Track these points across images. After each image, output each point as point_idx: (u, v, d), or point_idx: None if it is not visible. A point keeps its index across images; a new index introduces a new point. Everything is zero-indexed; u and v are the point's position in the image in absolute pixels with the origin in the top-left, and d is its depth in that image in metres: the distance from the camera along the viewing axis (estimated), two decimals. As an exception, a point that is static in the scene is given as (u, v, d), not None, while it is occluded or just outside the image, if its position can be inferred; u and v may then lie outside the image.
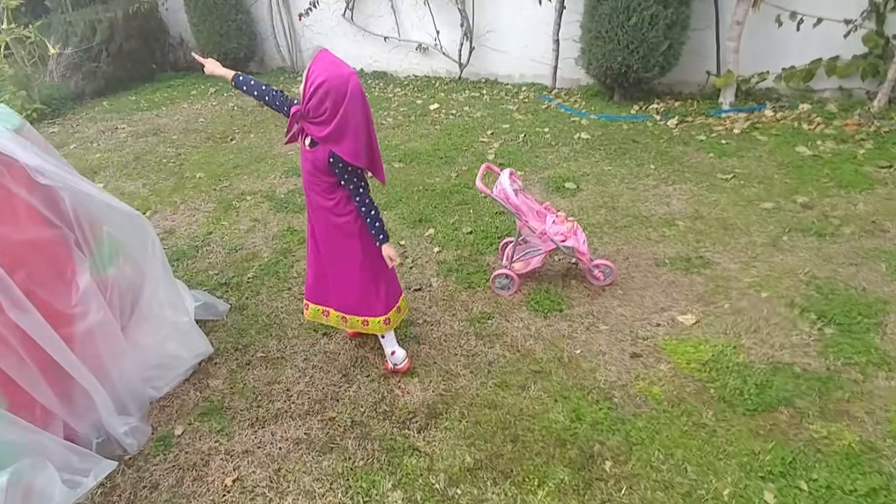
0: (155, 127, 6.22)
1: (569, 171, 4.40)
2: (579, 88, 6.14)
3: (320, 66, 1.96)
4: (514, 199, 2.85)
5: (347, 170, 2.11)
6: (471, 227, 3.68)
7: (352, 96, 1.96)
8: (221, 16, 7.42)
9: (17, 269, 1.93)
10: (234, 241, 3.78)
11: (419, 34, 6.90)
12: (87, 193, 2.10)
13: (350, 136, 2.01)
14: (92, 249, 2.17)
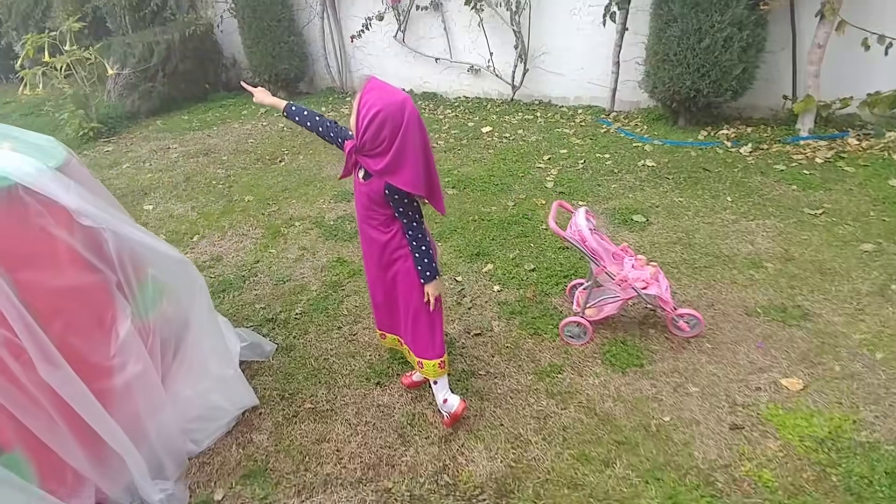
0: (206, 147, 6.14)
1: (635, 201, 4.05)
2: (639, 112, 5.78)
3: (373, 95, 1.79)
4: (592, 241, 2.52)
5: (404, 201, 1.93)
6: (533, 264, 3.37)
7: (409, 123, 1.79)
8: (274, 38, 7.37)
9: (54, 318, 1.73)
10: (281, 272, 3.56)
11: (471, 56, 6.67)
12: (133, 237, 1.89)
13: (409, 165, 1.83)
14: (135, 293, 1.95)
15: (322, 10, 7.48)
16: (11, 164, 1.65)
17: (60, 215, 1.75)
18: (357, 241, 3.80)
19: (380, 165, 1.84)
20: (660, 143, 5.03)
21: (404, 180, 1.84)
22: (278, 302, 3.26)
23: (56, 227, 1.74)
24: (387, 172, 1.84)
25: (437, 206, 2.03)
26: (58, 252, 1.76)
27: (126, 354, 1.90)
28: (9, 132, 1.98)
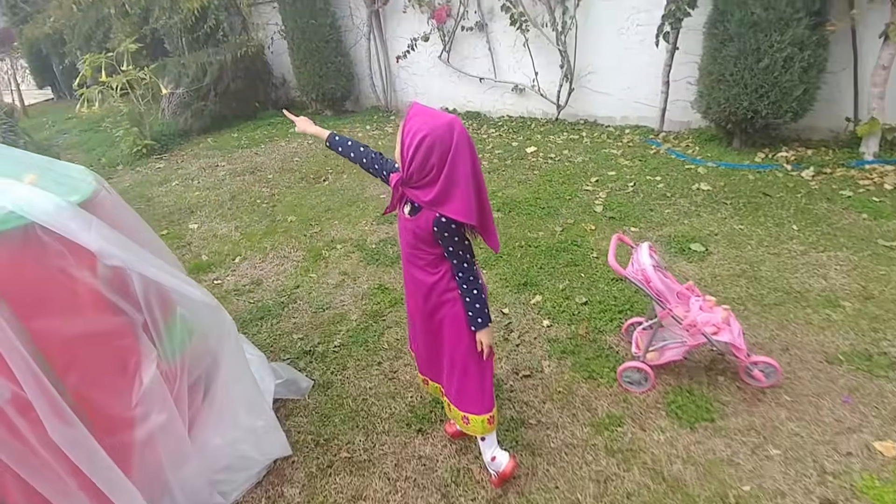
0: (252, 165, 6.05)
1: (692, 228, 3.69)
2: (690, 132, 5.39)
3: (417, 121, 1.59)
4: (657, 282, 2.20)
5: (454, 239, 1.69)
6: (584, 296, 3.05)
7: (458, 145, 1.57)
8: (322, 58, 7.28)
9: (72, 367, 1.54)
10: (321, 299, 3.35)
11: (515, 75, 6.41)
12: (159, 279, 1.68)
13: (460, 194, 1.60)
14: (161, 334, 1.75)
15: (369, 31, 7.37)
16: (29, 200, 1.46)
17: (83, 254, 1.55)
18: (398, 268, 3.57)
19: (430, 196, 1.61)
20: (714, 165, 4.64)
21: (456, 209, 1.60)
22: (317, 332, 3.03)
23: (78, 267, 1.54)
24: (437, 203, 1.61)
25: (489, 241, 1.76)
26: (79, 294, 1.56)
27: (149, 403, 1.69)
28: (38, 162, 1.82)
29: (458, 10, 6.41)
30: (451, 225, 1.64)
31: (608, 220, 3.87)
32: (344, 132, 6.86)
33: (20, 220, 1.45)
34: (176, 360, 1.85)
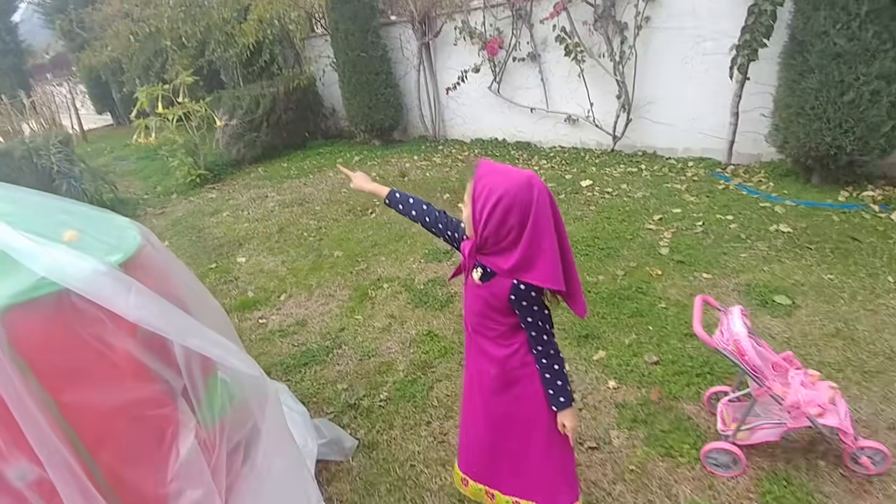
0: (301, 196, 6.04)
1: (773, 277, 3.35)
2: (762, 165, 5.04)
3: (489, 181, 1.42)
4: (753, 355, 1.92)
5: (534, 308, 1.49)
6: (655, 354, 2.77)
7: (539, 204, 1.39)
8: (372, 90, 7.31)
9: (105, 443, 1.40)
10: (367, 344, 3.19)
11: (569, 105, 6.22)
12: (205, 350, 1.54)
13: (545, 257, 1.42)
14: (201, 400, 1.60)
15: (419, 63, 7.37)
16: (63, 264, 1.35)
17: (122, 319, 1.42)
18: (448, 312, 3.39)
19: (510, 262, 1.44)
20: (792, 203, 4.27)
21: (541, 275, 1.42)
22: (362, 382, 2.86)
23: (116, 334, 1.41)
24: (518, 270, 1.44)
25: (576, 307, 1.54)
26: (116, 364, 1.42)
27: (185, 478, 1.54)
28: (81, 213, 1.72)
29: (509, 41, 6.31)
30: (532, 292, 1.45)
31: (676, 265, 3.58)
32: (392, 161, 6.89)
33: (52, 287, 1.33)
34: (215, 426, 1.69)
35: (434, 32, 7.06)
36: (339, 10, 7.02)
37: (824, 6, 3.85)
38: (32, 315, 1.33)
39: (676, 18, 5.09)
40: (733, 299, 3.19)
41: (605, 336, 2.98)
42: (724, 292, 3.26)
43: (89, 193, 6.12)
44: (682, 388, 2.53)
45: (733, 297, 3.22)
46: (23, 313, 1.32)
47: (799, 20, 4.05)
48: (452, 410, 2.58)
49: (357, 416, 2.62)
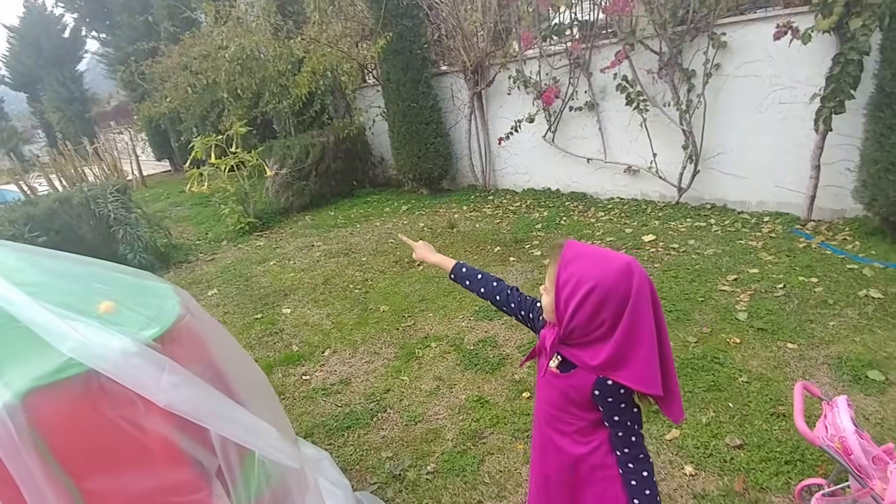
0: (347, 246, 6.12)
1: (866, 349, 3.08)
2: (846, 222, 4.76)
3: (579, 268, 1.30)
4: (860, 453, 1.72)
5: (621, 406, 1.36)
6: (737, 436, 2.55)
7: (639, 296, 1.25)
8: (422, 139, 7.46)
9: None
10: (413, 408, 3.09)
11: (629, 156, 6.14)
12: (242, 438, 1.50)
13: (641, 356, 1.27)
14: (236, 481, 1.54)
15: (470, 112, 7.50)
16: (92, 343, 1.30)
17: (146, 404, 1.38)
18: (499, 377, 3.27)
19: (598, 359, 1.31)
20: (881, 266, 3.98)
21: (634, 376, 1.28)
22: (408, 451, 2.75)
23: (148, 415, 1.36)
24: (607, 367, 1.31)
25: (671, 411, 1.38)
26: (147, 447, 1.37)
27: None
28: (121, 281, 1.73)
29: (566, 90, 6.35)
30: (620, 389, 1.33)
31: (756, 332, 3.35)
32: (440, 211, 6.93)
33: (79, 368, 1.31)
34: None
35: (487, 82, 7.20)
36: (391, 61, 7.29)
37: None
38: (57, 397, 1.31)
39: (750, 66, 4.99)
40: (824, 374, 2.95)
41: (678, 411, 2.78)
42: (813, 366, 3.01)
43: (144, 239, 6.40)
44: (770, 477, 2.30)
45: (823, 370, 2.97)
46: (47, 396, 1.30)
47: (886, 71, 3.89)
48: (505, 489, 2.43)
49: (402, 490, 2.50)
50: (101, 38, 17.56)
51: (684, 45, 5.24)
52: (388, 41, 7.08)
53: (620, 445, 1.39)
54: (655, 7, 5.17)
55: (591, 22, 6.03)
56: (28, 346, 1.35)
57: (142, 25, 13.95)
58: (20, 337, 1.36)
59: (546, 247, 5.25)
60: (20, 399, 1.24)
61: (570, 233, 5.55)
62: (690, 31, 5.14)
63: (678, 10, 5.11)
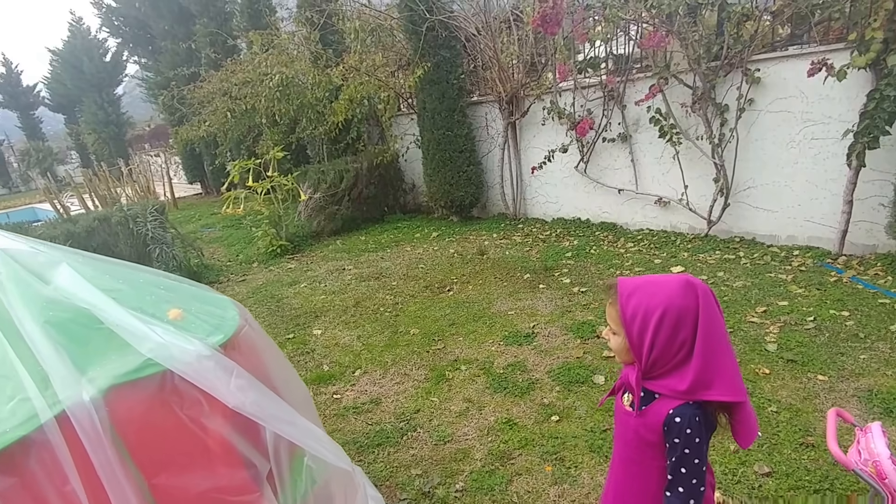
0: (378, 270, 6.33)
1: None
2: (878, 257, 4.78)
3: (642, 298, 1.32)
4: (895, 478, 1.79)
5: (685, 450, 1.32)
6: (766, 464, 2.61)
7: (707, 307, 1.28)
8: (455, 167, 7.70)
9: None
10: (442, 429, 3.21)
11: (660, 188, 6.26)
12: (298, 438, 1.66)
13: (726, 366, 1.30)
14: (285, 483, 1.69)
15: (504, 141, 7.72)
16: (169, 345, 1.49)
17: (218, 401, 1.56)
18: (528, 399, 3.39)
19: (687, 381, 1.30)
20: (917, 301, 4.01)
21: (726, 388, 1.28)
22: (437, 469, 2.87)
23: (212, 416, 1.53)
24: (699, 388, 1.30)
25: (744, 431, 1.36)
26: (209, 448, 1.53)
27: None
28: (182, 292, 1.92)
29: (599, 121, 6.53)
30: (687, 429, 1.30)
31: (786, 364, 3.40)
32: (470, 238, 7.14)
33: (157, 368, 1.47)
34: (296, 509, 1.78)
35: (521, 112, 7.43)
36: (428, 90, 7.59)
37: (949, 92, 3.78)
38: (135, 395, 1.45)
39: (783, 102, 5.11)
40: (854, 406, 2.98)
41: (706, 439, 2.85)
42: (843, 398, 3.06)
43: (178, 259, 6.71)
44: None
45: (853, 403, 3.01)
46: (126, 393, 1.44)
47: (922, 106, 3.98)
48: (534, 509, 2.53)
49: (431, 507, 2.62)
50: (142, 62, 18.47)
51: (718, 80, 5.39)
52: (425, 71, 7.38)
53: (670, 486, 1.36)
54: (690, 43, 5.35)
55: (625, 56, 6.23)
56: (110, 346, 1.53)
57: (183, 52, 14.68)
58: (103, 337, 1.54)
59: (575, 275, 5.36)
60: (103, 394, 1.39)
61: (600, 262, 5.66)
62: (724, 67, 5.29)
63: (712, 46, 5.28)
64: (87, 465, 1.32)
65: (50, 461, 1.26)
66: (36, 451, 1.26)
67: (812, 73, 4.62)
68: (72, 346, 1.42)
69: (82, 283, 1.59)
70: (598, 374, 3.57)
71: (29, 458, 1.25)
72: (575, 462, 2.79)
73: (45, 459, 1.26)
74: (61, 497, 1.27)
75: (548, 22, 6.02)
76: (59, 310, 1.50)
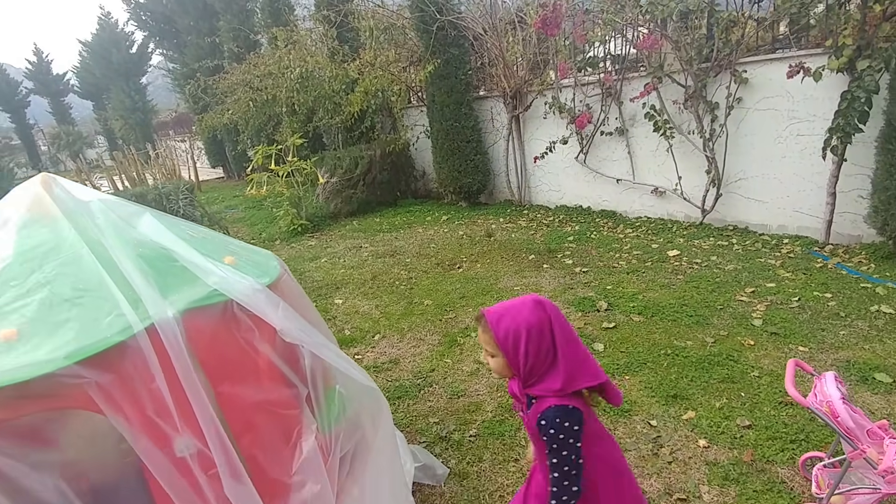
0: (392, 249, 6.49)
1: (875, 355, 3.26)
2: (862, 247, 4.92)
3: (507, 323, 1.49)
4: (846, 418, 1.96)
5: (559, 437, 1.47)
6: (748, 419, 2.78)
7: (556, 316, 1.49)
8: (463, 156, 7.84)
9: (246, 432, 1.68)
10: (456, 385, 3.39)
11: (656, 178, 6.39)
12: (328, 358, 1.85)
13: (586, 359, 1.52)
14: (321, 406, 1.87)
15: (508, 133, 7.85)
16: (230, 280, 1.69)
17: (266, 329, 1.74)
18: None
19: (560, 381, 1.47)
20: (894, 286, 4.15)
21: (591, 375, 1.50)
22: (452, 418, 3.04)
23: (261, 341, 1.72)
24: (570, 383, 1.48)
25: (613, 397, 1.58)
26: (259, 366, 1.73)
27: (306, 473, 1.78)
28: (232, 245, 2.11)
29: (598, 116, 6.66)
30: (556, 418, 1.46)
31: (770, 337, 3.56)
32: (478, 222, 7.29)
33: (221, 297, 1.66)
34: (331, 432, 1.95)
35: (525, 106, 7.56)
36: (438, 84, 7.72)
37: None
38: (204, 318, 1.67)
39: (769, 101, 5.24)
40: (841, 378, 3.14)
41: (695, 398, 3.01)
42: (822, 366, 3.21)
43: (206, 235, 6.89)
44: (776, 452, 2.52)
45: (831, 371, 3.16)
46: (197, 316, 1.65)
47: (894, 107, 4.11)
48: (539, 452, 2.70)
49: (448, 448, 2.79)
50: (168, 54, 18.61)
51: (708, 79, 5.52)
52: (435, 67, 7.51)
53: (552, 483, 1.50)
54: (682, 46, 5.49)
55: (622, 56, 6.36)
56: (184, 279, 1.73)
57: (207, 45, 14.81)
58: (179, 271, 1.75)
59: (577, 257, 5.52)
60: (181, 315, 1.59)
61: (600, 246, 5.81)
62: (714, 68, 5.42)
63: (703, 49, 5.42)
64: (169, 369, 1.50)
65: (141, 363, 1.45)
66: (130, 355, 1.44)
67: (791, 75, 4.78)
68: (156, 277, 1.60)
69: (162, 229, 1.78)
70: (597, 342, 3.73)
71: (125, 359, 1.44)
72: (576, 414, 2.96)
73: (136, 361, 1.45)
74: (149, 392, 1.46)
75: (548, 24, 6.25)
76: (145, 248, 1.69)
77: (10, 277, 1.51)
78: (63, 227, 1.63)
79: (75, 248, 1.58)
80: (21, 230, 1.64)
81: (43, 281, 1.50)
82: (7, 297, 1.46)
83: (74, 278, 1.53)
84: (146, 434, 1.44)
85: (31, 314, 1.43)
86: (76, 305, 1.48)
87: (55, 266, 1.54)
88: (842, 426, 1.97)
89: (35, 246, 1.59)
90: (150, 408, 1.46)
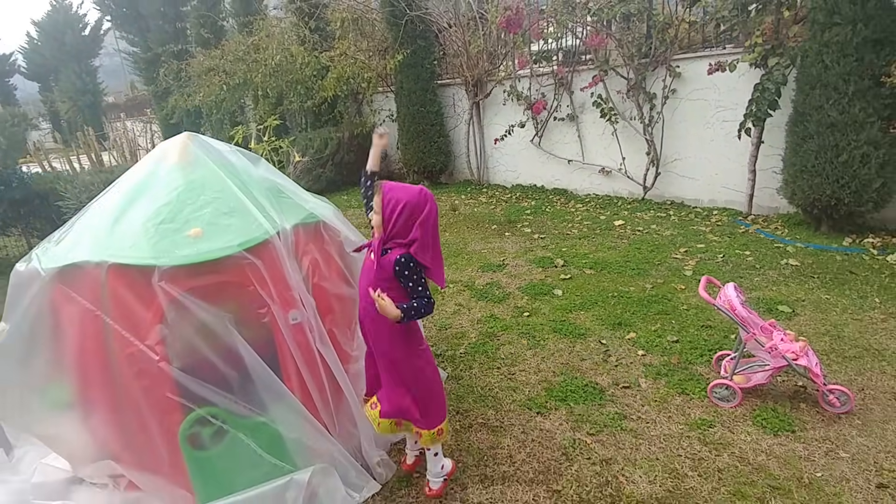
0: (363, 222, 7.07)
1: (780, 294, 4.18)
2: (779, 216, 5.94)
3: (395, 194, 2.04)
4: (741, 310, 2.79)
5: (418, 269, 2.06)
6: (676, 336, 3.61)
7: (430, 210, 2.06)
8: (427, 138, 8.53)
9: (327, 313, 2.40)
10: (442, 321, 4.08)
11: (603, 159, 7.29)
12: None
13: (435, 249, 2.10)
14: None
15: (469, 118, 8.59)
16: (319, 206, 2.52)
17: (337, 244, 2.49)
18: (506, 304, 4.28)
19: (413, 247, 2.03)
20: (802, 245, 5.12)
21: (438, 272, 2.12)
22: (444, 343, 3.74)
23: (335, 251, 2.48)
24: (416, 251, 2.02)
25: (437, 279, 2.15)
26: (333, 269, 2.47)
27: (360, 350, 2.47)
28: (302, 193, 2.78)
29: (551, 103, 7.50)
30: (410, 262, 2.02)
31: (697, 282, 4.40)
32: (442, 198, 8.06)
33: (315, 218, 2.45)
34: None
35: (485, 94, 8.32)
36: (406, 72, 8.40)
37: (819, 86, 4.88)
38: (305, 232, 2.40)
39: (699, 91, 6.22)
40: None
41: (636, 324, 3.83)
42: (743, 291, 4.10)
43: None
44: (697, 357, 3.36)
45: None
46: (302, 229, 2.38)
47: (799, 96, 5.10)
48: (516, 363, 3.44)
49: (443, 361, 3.49)
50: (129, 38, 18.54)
51: (647, 73, 6.49)
52: (404, 56, 8.17)
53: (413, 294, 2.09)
54: (624, 44, 6.51)
55: (573, 51, 7.26)
56: (290, 206, 2.46)
57: (172, 30, 14.98)
58: (286, 200, 2.49)
59: (535, 227, 6.31)
60: (292, 228, 2.30)
61: (555, 218, 6.63)
62: (652, 63, 6.41)
63: (643, 47, 6.42)
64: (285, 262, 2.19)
65: (274, 254, 2.17)
66: (268, 248, 2.17)
67: (711, 72, 5.83)
68: (275, 203, 2.33)
69: (273, 171, 2.57)
70: (557, 289, 4.51)
71: (266, 250, 2.16)
72: (542, 337, 3.73)
73: (271, 252, 2.17)
74: (277, 273, 2.17)
75: (511, 24, 7.25)
76: (266, 183, 2.45)
77: (186, 199, 2.21)
78: (211, 167, 2.34)
79: (223, 182, 2.30)
80: (181, 170, 2.32)
81: (207, 201, 2.21)
82: (187, 211, 2.17)
83: (226, 200, 2.24)
84: (277, 303, 2.13)
85: (206, 221, 2.14)
86: (232, 216, 2.19)
87: (212, 193, 2.24)
88: (738, 316, 2.80)
89: (194, 179, 2.29)
90: (279, 286, 2.15)
